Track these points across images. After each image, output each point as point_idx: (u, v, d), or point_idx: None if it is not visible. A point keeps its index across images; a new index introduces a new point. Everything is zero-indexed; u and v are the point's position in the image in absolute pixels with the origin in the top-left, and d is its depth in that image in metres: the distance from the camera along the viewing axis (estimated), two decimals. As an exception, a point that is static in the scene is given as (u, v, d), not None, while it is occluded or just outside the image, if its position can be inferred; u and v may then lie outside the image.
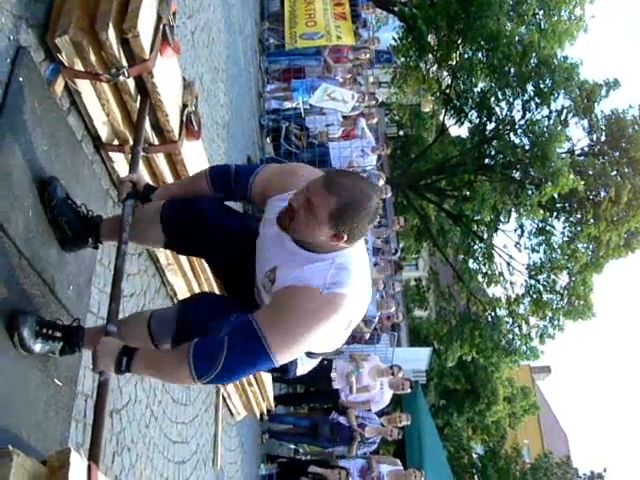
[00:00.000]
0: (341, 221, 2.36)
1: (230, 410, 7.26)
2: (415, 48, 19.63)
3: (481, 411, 22.76)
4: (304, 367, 2.87)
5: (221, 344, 2.38)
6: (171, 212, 2.91)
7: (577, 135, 19.09)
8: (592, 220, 16.65)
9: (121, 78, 3.06)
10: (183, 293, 4.88)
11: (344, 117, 11.77)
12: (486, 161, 19.09)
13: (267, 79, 12.75)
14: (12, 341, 2.51)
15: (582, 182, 15.60)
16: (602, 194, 16.43)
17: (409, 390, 9.46)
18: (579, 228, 17.21)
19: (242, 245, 2.85)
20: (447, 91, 20.07)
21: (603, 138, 17.70)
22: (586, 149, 18.19)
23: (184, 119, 3.63)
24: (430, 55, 19.91)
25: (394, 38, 20.16)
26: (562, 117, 17.55)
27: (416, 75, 20.81)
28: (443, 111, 21.21)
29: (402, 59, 20.64)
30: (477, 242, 19.18)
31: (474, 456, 26.43)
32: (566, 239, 17.89)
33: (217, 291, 5.06)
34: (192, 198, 2.93)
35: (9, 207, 2.56)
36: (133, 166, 3.15)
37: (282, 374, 2.90)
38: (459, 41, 18.72)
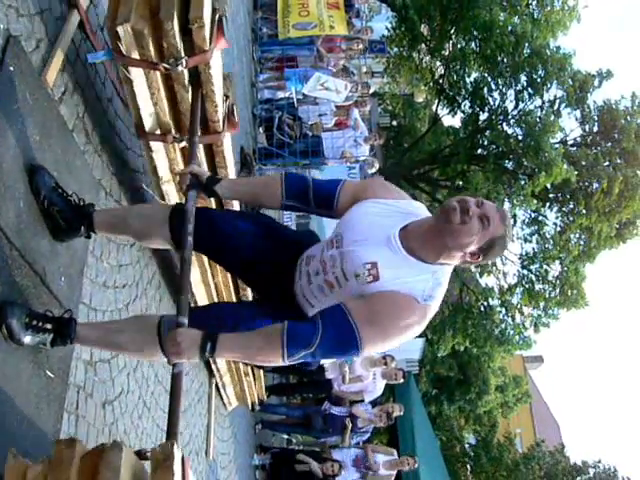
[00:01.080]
0: (491, 247, 2.61)
1: (223, 400, 7.26)
2: (408, 38, 19.60)
3: (472, 400, 22.81)
4: (326, 362, 3.01)
5: (315, 330, 2.53)
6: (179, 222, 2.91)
7: (570, 125, 19.19)
8: (584, 211, 16.66)
9: (179, 68, 3.06)
10: (197, 282, 4.91)
11: (337, 107, 11.73)
12: (479, 151, 19.10)
13: (260, 69, 12.70)
14: (0, 333, 2.50)
15: (575, 172, 15.62)
16: (594, 185, 16.44)
17: (402, 380, 9.48)
18: (571, 218, 17.23)
19: (257, 244, 3.02)
20: (440, 81, 20.05)
21: (596, 129, 17.71)
22: (579, 139, 18.20)
23: (226, 110, 3.64)
24: (423, 45, 19.89)
25: (387, 28, 20.12)
26: (555, 107, 17.54)
27: (409, 65, 20.79)
28: (436, 101, 21.20)
29: (395, 49, 20.61)
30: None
31: (466, 446, 26.51)
32: (558, 229, 17.91)
33: (230, 282, 5.13)
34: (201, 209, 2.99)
35: (0, 198, 2.54)
36: (191, 157, 3.14)
37: (303, 372, 3.04)
38: (452, 31, 18.70)
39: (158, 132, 3.54)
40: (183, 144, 3.62)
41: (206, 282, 5.06)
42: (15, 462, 2.03)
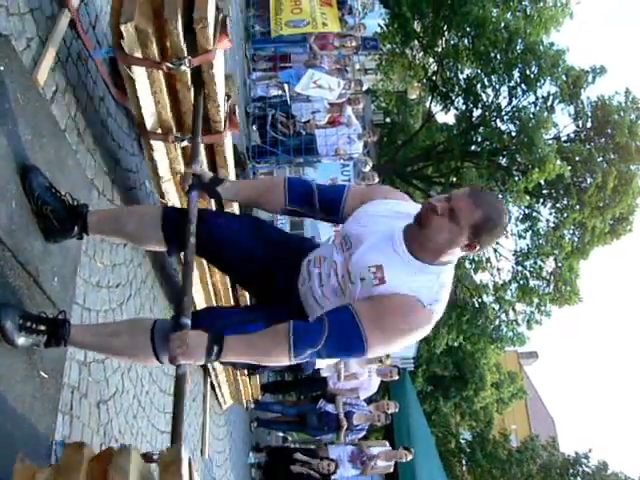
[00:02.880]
0: (480, 233, 2.56)
1: (218, 399, 7.26)
2: (401, 35, 19.63)
3: (468, 397, 22.87)
4: (320, 363, 3.01)
5: (321, 329, 2.56)
6: (171, 222, 2.95)
7: (563, 121, 19.16)
8: (578, 206, 16.70)
9: (182, 68, 3.06)
10: (195, 283, 4.89)
11: (330, 104, 11.72)
12: (472, 147, 19.12)
13: (253, 67, 12.68)
14: None
15: (568, 168, 15.63)
16: (588, 180, 16.47)
17: (397, 377, 9.51)
18: (565, 214, 17.27)
19: (250, 244, 3.01)
20: (433, 78, 20.07)
21: (589, 124, 17.72)
22: (572, 135, 18.21)
23: (228, 110, 3.64)
24: (416, 42, 19.91)
25: (380, 25, 20.12)
26: (548, 103, 17.57)
27: (402, 62, 20.81)
28: (429, 98, 21.23)
29: (388, 46, 20.62)
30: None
31: (462, 442, 26.57)
32: (552, 225, 17.94)
33: (228, 282, 5.12)
34: (202, 216, 2.96)
35: (-9, 198, 2.53)
36: (194, 157, 3.14)
37: (298, 371, 3.06)
38: (445, 27, 18.73)
39: (159, 131, 3.54)
40: (184, 143, 3.61)
41: (204, 282, 5.06)
42: (23, 467, 2.02)
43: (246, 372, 7.44)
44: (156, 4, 2.90)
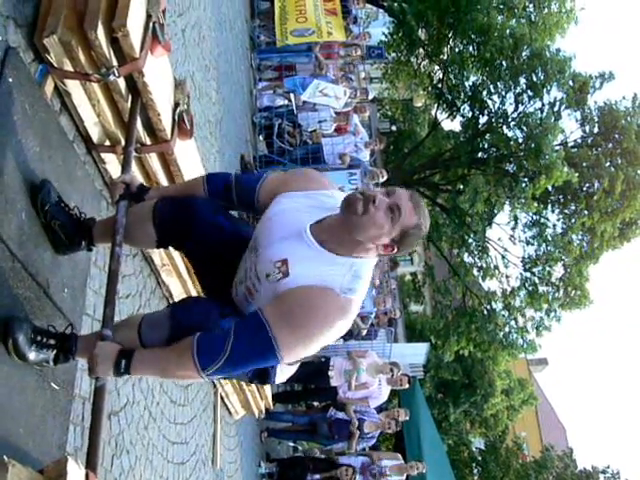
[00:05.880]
0: (404, 238, 2.49)
1: (228, 409, 7.24)
2: (406, 43, 19.68)
3: (477, 403, 22.76)
4: (283, 374, 2.87)
5: (226, 337, 2.39)
6: (164, 205, 2.87)
7: (570, 127, 19.17)
8: (586, 211, 16.69)
9: (111, 78, 3.01)
10: (179, 293, 4.85)
11: (337, 113, 11.74)
12: (479, 154, 19.13)
13: (259, 76, 12.72)
14: (6, 347, 2.47)
15: (576, 174, 15.62)
16: (596, 185, 16.46)
17: (407, 386, 9.47)
18: (573, 220, 17.25)
19: (226, 243, 2.84)
20: (439, 85, 20.11)
21: (596, 130, 17.74)
22: (579, 141, 18.22)
23: (176, 118, 3.59)
24: (421, 50, 19.96)
25: (384, 33, 20.16)
26: (555, 109, 17.57)
27: (407, 70, 20.86)
28: (435, 105, 21.26)
29: (393, 54, 20.66)
30: (471, 235, 19.17)
31: (474, 450, 26.41)
32: (560, 231, 17.92)
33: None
34: (187, 196, 2.90)
35: (1, 210, 2.53)
36: (125, 167, 3.09)
37: (262, 381, 2.91)
38: (450, 35, 18.77)
39: (107, 143, 3.49)
40: (134, 154, 3.53)
41: (187, 292, 5.01)
42: None
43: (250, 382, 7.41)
44: (80, 15, 2.86)
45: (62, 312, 2.94)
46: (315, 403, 10.93)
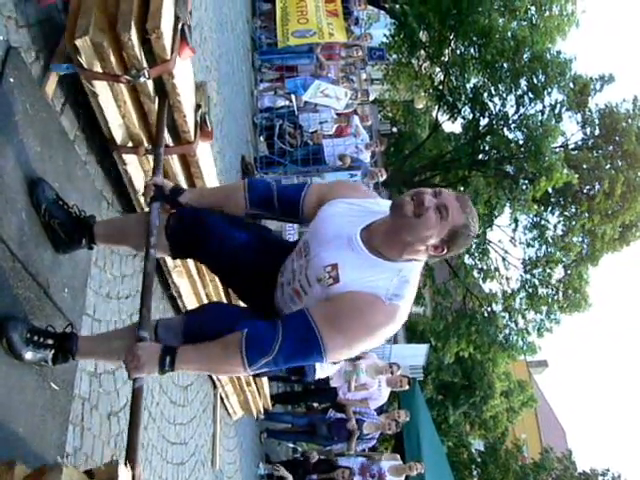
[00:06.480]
0: (455, 238, 2.52)
1: (227, 410, 7.24)
2: (407, 45, 19.68)
3: (476, 404, 22.74)
4: (323, 371, 2.92)
5: (275, 335, 2.46)
6: (176, 221, 2.90)
7: (571, 129, 19.17)
8: (586, 214, 16.69)
9: (142, 79, 3.03)
10: (188, 294, 4.87)
11: (338, 114, 11.74)
12: (480, 156, 19.14)
13: (260, 77, 12.71)
14: (1, 346, 2.48)
15: (576, 176, 15.63)
16: (596, 187, 16.47)
17: (407, 387, 9.46)
18: (573, 222, 17.25)
19: (247, 252, 2.89)
20: (440, 87, 20.11)
21: (597, 132, 17.75)
22: (580, 143, 18.24)
23: (198, 120, 3.61)
24: (422, 51, 19.95)
25: (386, 35, 20.16)
26: (556, 112, 17.58)
27: (408, 71, 20.86)
28: (436, 107, 21.27)
29: (394, 56, 20.66)
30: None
31: (473, 452, 26.38)
32: (560, 233, 17.92)
33: (222, 293, 5.09)
34: (200, 213, 2.91)
35: (1, 210, 2.53)
36: (156, 168, 3.10)
37: (300, 377, 2.97)
38: (451, 37, 18.77)
39: (130, 145, 3.50)
40: None
41: (196, 293, 5.03)
42: None
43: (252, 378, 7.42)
44: (111, 16, 2.88)
45: (62, 312, 2.94)
46: (315, 404, 10.92)
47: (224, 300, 5.42)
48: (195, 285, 4.88)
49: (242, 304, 3.18)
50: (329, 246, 2.63)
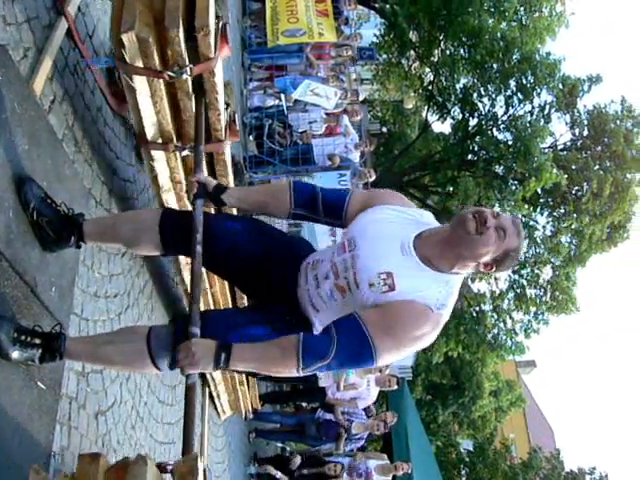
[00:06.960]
0: (505, 259, 2.65)
1: (216, 409, 7.23)
2: (397, 45, 19.68)
3: (465, 404, 22.79)
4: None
5: (330, 341, 2.52)
6: (169, 218, 2.98)
7: (560, 130, 19.16)
8: (575, 214, 16.73)
9: (184, 76, 3.04)
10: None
11: (327, 114, 11.73)
12: (469, 157, 19.16)
13: (249, 76, 12.69)
14: None
15: (565, 176, 15.67)
16: (585, 188, 16.52)
17: (395, 387, 9.46)
18: (562, 222, 17.30)
19: (253, 238, 3.00)
20: (429, 87, 20.12)
21: (585, 133, 17.80)
22: (569, 144, 18.28)
23: (228, 118, 3.63)
24: (412, 51, 19.96)
25: (376, 35, 20.17)
26: (545, 112, 17.62)
27: (398, 72, 20.87)
28: (426, 107, 21.28)
29: (384, 56, 20.67)
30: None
31: (462, 451, 26.43)
32: (549, 234, 17.97)
33: (228, 291, 5.13)
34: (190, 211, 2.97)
35: (-11, 208, 2.51)
36: (198, 166, 3.14)
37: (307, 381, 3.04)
38: (441, 37, 18.78)
39: (160, 141, 3.51)
40: (185, 153, 3.58)
41: (204, 293, 5.05)
42: (38, 478, 2.00)
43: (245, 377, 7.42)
44: (156, 12, 2.87)
45: (49, 311, 2.93)
46: (303, 404, 10.92)
47: (230, 299, 5.46)
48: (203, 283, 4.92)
49: (241, 305, 3.23)
50: (380, 251, 2.69)
